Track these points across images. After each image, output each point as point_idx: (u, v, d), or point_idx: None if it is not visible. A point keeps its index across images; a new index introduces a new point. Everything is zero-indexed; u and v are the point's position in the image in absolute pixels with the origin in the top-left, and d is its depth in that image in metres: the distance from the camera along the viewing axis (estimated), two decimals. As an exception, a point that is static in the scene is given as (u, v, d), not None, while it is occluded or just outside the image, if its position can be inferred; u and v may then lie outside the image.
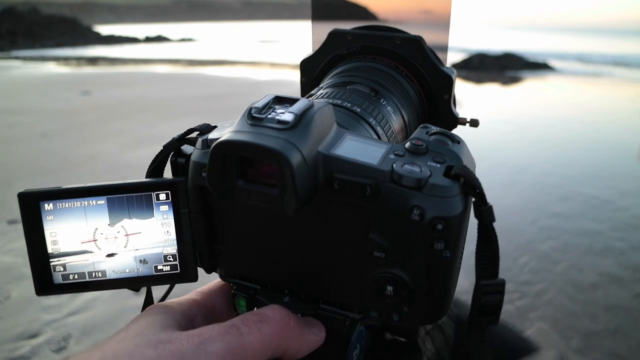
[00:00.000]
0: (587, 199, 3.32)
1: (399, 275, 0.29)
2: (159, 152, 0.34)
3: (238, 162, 0.28)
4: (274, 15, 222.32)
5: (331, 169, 0.28)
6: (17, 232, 2.67)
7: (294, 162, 0.26)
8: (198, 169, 0.32)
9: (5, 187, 3.26)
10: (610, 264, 2.45)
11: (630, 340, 1.88)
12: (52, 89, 7.50)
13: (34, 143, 4.38)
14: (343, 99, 0.41)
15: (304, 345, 0.32)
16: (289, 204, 0.27)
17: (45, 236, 0.33)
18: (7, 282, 2.20)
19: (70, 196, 0.33)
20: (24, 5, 28.99)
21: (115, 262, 0.34)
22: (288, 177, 0.26)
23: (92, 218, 0.33)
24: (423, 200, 0.27)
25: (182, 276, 0.35)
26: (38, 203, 0.33)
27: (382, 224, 0.28)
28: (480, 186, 0.28)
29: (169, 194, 0.33)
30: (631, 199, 3.35)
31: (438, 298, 0.30)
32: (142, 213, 0.33)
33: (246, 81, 8.60)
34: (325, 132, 0.29)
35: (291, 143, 0.26)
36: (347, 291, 0.33)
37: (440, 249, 0.28)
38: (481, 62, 11.95)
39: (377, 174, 0.28)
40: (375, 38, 0.46)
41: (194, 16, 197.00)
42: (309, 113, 0.28)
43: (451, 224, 0.27)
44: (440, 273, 0.29)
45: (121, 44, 22.01)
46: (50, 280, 0.34)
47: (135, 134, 4.70)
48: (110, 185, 0.33)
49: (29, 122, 5.21)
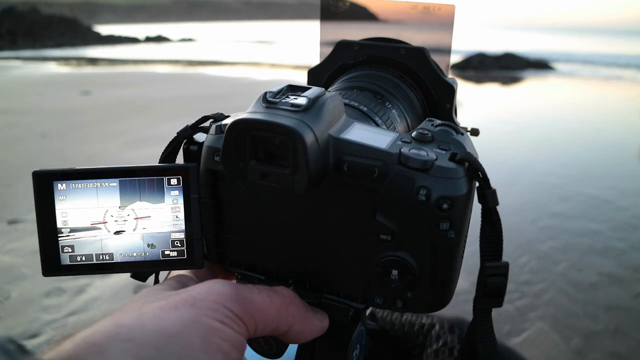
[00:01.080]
0: (587, 199, 3.33)
1: (404, 258, 0.30)
2: (172, 139, 0.35)
3: (252, 142, 0.28)
4: (274, 15, 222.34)
5: (341, 151, 0.29)
6: (17, 232, 2.67)
7: (307, 139, 0.27)
8: (211, 153, 0.33)
9: (5, 187, 3.27)
10: (610, 264, 2.45)
11: (630, 340, 1.88)
12: (52, 89, 7.50)
13: (34, 143, 4.38)
14: (351, 99, 0.42)
15: (308, 327, 0.32)
16: (300, 183, 0.28)
17: (56, 216, 0.33)
18: (7, 282, 2.20)
19: (84, 177, 0.33)
20: (24, 5, 29.01)
21: (123, 245, 0.34)
22: (301, 155, 0.27)
23: (103, 200, 0.33)
24: (429, 181, 0.28)
25: (189, 262, 0.35)
26: (51, 182, 0.33)
27: (389, 206, 0.29)
28: (484, 171, 0.29)
29: (180, 179, 0.34)
30: (631, 199, 3.35)
31: (442, 284, 0.31)
32: (153, 197, 0.34)
33: (246, 81, 8.61)
34: (336, 119, 0.31)
35: (304, 123, 0.27)
36: (351, 280, 0.33)
37: (445, 229, 0.29)
38: (481, 62, 11.96)
39: (385, 156, 0.29)
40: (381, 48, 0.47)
41: (194, 16, 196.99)
42: (322, 99, 0.29)
43: (456, 204, 0.28)
44: (444, 255, 0.30)
45: (121, 44, 22.03)
46: (58, 261, 0.34)
47: (135, 134, 4.70)
48: (123, 168, 0.33)
49: (29, 122, 5.22)
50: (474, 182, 0.30)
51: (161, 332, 0.25)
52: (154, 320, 0.25)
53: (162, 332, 0.25)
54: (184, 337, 0.25)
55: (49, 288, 2.15)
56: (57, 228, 0.33)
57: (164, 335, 0.25)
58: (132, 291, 2.10)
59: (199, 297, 0.27)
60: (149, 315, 0.26)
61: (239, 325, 0.27)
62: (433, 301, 0.32)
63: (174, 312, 0.26)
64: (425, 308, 0.32)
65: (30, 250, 2.47)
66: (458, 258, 0.31)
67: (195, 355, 0.25)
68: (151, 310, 0.26)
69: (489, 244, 0.30)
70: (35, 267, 2.49)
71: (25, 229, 2.70)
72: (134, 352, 0.23)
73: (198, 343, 0.25)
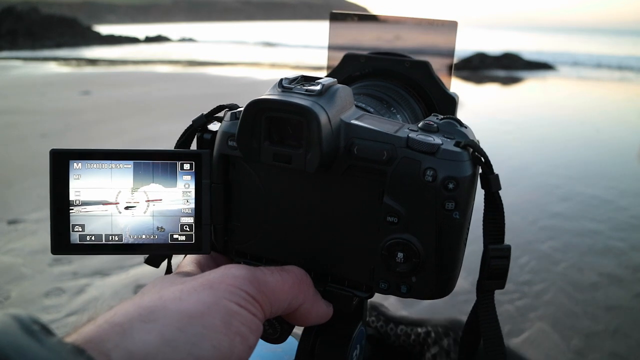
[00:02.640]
0: (587, 199, 3.33)
1: (410, 240, 0.31)
2: (187, 127, 0.37)
3: (267, 123, 0.30)
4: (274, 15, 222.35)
5: (351, 135, 0.31)
6: (16, 232, 2.67)
7: (321, 119, 0.29)
8: (225, 138, 0.34)
9: (5, 187, 3.27)
10: (610, 264, 2.45)
11: (630, 340, 1.88)
12: (52, 89, 7.50)
13: (34, 143, 4.38)
14: (358, 101, 0.43)
15: (316, 308, 0.33)
16: (312, 162, 0.30)
17: (70, 195, 0.34)
18: (7, 282, 2.20)
19: (100, 158, 0.34)
20: (24, 5, 29.02)
21: (133, 226, 0.35)
22: (314, 133, 0.29)
23: (117, 180, 0.34)
24: (436, 162, 0.30)
25: (197, 247, 0.35)
26: (68, 161, 0.34)
27: (397, 188, 0.31)
28: (487, 156, 0.31)
29: (193, 165, 0.35)
30: (631, 199, 3.36)
31: (445, 268, 0.32)
32: (166, 180, 0.35)
33: (246, 81, 8.61)
34: (347, 107, 0.33)
35: (319, 104, 0.29)
36: (356, 266, 0.34)
37: (450, 209, 0.30)
38: (481, 62, 11.96)
39: (393, 140, 0.31)
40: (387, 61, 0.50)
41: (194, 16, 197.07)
42: (334, 87, 0.31)
43: (462, 184, 0.30)
44: (449, 237, 0.31)
45: (121, 44, 22.03)
46: (67, 239, 0.34)
47: (135, 134, 4.71)
48: (139, 151, 0.34)
49: (29, 122, 5.22)
50: (478, 167, 0.31)
51: (184, 314, 0.25)
52: (175, 302, 0.26)
53: (185, 313, 0.25)
54: (206, 319, 0.25)
55: (48, 288, 2.15)
56: (70, 206, 0.34)
57: (186, 317, 0.25)
58: (132, 291, 2.10)
59: (215, 280, 0.28)
60: (169, 297, 0.26)
61: (256, 307, 0.28)
62: (437, 287, 0.32)
63: (194, 295, 0.26)
64: (428, 294, 0.32)
65: (30, 250, 2.47)
66: (462, 242, 0.31)
67: (216, 337, 0.25)
68: (171, 293, 0.26)
69: (492, 227, 0.31)
70: (35, 267, 2.50)
71: (25, 229, 2.70)
72: (158, 332, 0.24)
73: (219, 325, 0.25)
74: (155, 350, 0.23)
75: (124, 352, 0.22)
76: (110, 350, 0.22)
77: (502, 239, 0.31)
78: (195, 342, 0.24)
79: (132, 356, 0.22)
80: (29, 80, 8.80)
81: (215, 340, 0.25)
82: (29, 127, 4.98)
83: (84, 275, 2.27)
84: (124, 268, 2.34)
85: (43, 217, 2.80)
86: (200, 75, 10.18)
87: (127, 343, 0.23)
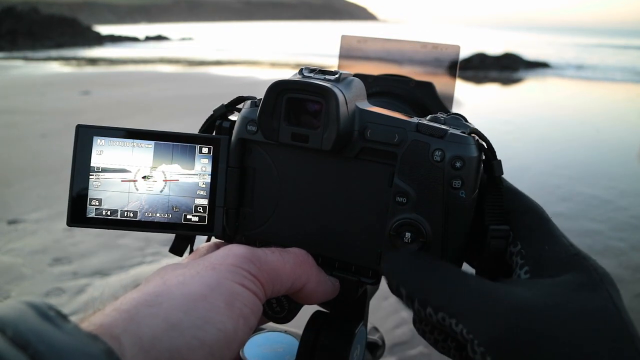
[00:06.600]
0: (587, 199, 3.33)
1: (418, 220, 0.32)
2: (209, 117, 0.39)
3: (287, 104, 0.33)
4: (274, 15, 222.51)
5: (365, 119, 0.34)
6: (16, 232, 2.68)
7: (339, 98, 0.32)
8: (245, 122, 0.36)
9: (5, 187, 3.27)
10: (610, 264, 2.45)
11: (631, 340, 1.88)
12: (52, 88, 7.51)
13: (34, 143, 4.38)
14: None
15: (321, 286, 0.34)
16: (328, 140, 0.32)
17: (90, 169, 0.35)
18: (7, 282, 2.20)
19: (123, 136, 0.35)
20: (24, 5, 29.03)
21: (148, 204, 0.36)
22: (332, 112, 0.32)
23: (137, 158, 0.36)
24: (444, 144, 0.32)
25: (209, 228, 0.37)
26: (92, 137, 0.35)
27: (406, 168, 0.32)
28: (491, 144, 0.33)
29: (211, 149, 0.36)
30: (631, 199, 3.36)
31: (451, 251, 0.33)
32: (184, 162, 0.36)
33: (246, 81, 8.61)
34: (361, 97, 0.35)
35: (337, 87, 0.32)
36: (363, 252, 0.35)
37: (457, 187, 0.32)
38: (481, 62, 11.96)
39: (404, 124, 0.33)
40: (393, 81, 0.52)
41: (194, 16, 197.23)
42: (349, 77, 0.34)
43: (468, 163, 0.32)
44: (456, 217, 0.32)
45: (121, 44, 22.03)
46: (84, 212, 0.35)
47: (135, 134, 4.70)
48: (161, 132, 0.36)
49: (29, 122, 5.22)
50: (482, 153, 0.33)
51: (188, 297, 0.26)
52: (179, 286, 0.26)
53: (189, 296, 0.26)
54: (210, 301, 0.26)
55: (48, 288, 2.15)
56: (89, 181, 0.35)
57: (190, 300, 0.26)
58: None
59: (217, 262, 0.28)
60: (173, 282, 0.27)
61: (257, 285, 0.28)
62: None
63: (197, 278, 0.27)
64: None
65: (30, 250, 2.47)
66: (468, 224, 0.33)
67: (220, 319, 0.26)
68: (175, 277, 0.27)
69: (493, 209, 0.33)
70: (35, 267, 2.50)
71: (25, 229, 2.71)
72: (163, 316, 0.24)
73: (223, 307, 0.26)
74: (161, 333, 0.24)
75: (132, 336, 0.23)
76: (119, 335, 0.23)
77: (502, 220, 0.32)
78: (200, 326, 0.25)
79: (140, 341, 0.23)
80: (29, 80, 8.81)
81: (220, 323, 0.25)
82: (29, 127, 4.99)
83: (84, 275, 2.28)
84: (124, 268, 2.34)
85: (43, 217, 2.81)
86: (200, 74, 10.19)
87: (135, 328, 0.23)
